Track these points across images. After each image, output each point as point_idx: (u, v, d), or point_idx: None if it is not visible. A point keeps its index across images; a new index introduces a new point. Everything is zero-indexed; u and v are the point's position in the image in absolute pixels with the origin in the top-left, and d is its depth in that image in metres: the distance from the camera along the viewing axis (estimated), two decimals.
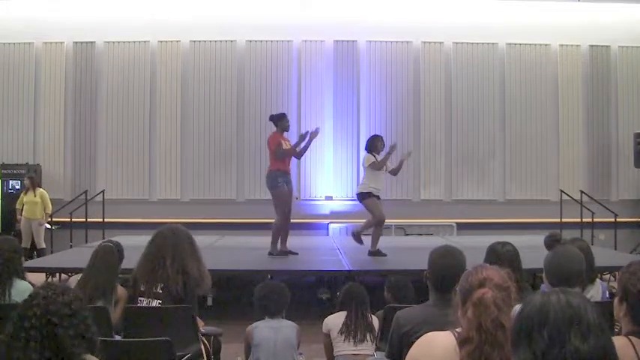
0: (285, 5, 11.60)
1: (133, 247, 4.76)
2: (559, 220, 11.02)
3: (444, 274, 2.83)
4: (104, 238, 7.88)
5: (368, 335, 4.14)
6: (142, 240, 4.30)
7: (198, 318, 3.82)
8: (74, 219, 10.45)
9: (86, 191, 11.08)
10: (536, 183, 11.87)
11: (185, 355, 3.55)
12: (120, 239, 4.84)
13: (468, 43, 11.85)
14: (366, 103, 11.84)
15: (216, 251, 8.33)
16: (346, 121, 11.77)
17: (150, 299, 3.74)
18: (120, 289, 4.24)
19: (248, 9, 11.56)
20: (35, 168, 11.32)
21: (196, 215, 10.97)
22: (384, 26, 11.60)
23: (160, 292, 3.71)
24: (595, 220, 10.61)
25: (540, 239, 6.11)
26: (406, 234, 11.46)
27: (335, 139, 11.73)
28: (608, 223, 10.74)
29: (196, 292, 3.81)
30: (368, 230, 7.80)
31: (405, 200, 11.62)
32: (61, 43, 11.72)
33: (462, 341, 2.01)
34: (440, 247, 3.03)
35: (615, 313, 2.30)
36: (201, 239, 5.11)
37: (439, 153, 11.83)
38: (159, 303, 3.72)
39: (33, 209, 10.29)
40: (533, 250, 5.24)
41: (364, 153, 7.88)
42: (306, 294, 7.59)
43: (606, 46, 11.97)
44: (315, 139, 7.82)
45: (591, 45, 11.94)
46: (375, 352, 4.03)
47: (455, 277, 2.32)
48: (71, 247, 10.03)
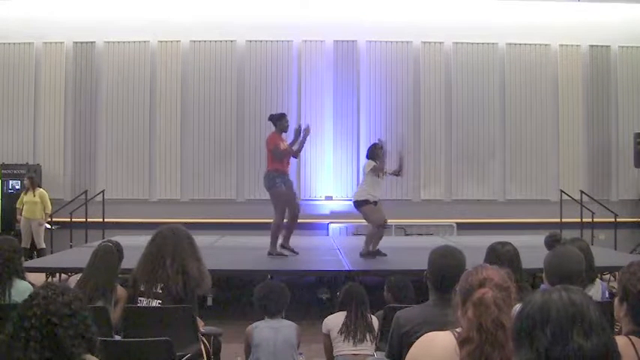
0: (285, 5, 11.60)
1: (133, 247, 4.75)
2: (559, 220, 11.01)
3: (444, 274, 2.83)
4: (104, 238, 7.87)
5: (368, 335, 4.14)
6: (142, 240, 4.30)
7: (198, 318, 3.81)
8: (74, 219, 10.46)
9: (86, 191, 11.08)
10: (536, 183, 11.87)
11: (185, 355, 3.55)
12: (120, 239, 4.84)
13: (468, 43, 11.85)
14: (366, 103, 11.84)
15: (216, 251, 8.32)
16: (346, 121, 11.77)
17: (150, 299, 3.74)
18: (120, 289, 4.24)
19: (248, 9, 11.56)
20: (35, 168, 11.32)
21: (196, 215, 10.97)
22: (384, 26, 11.60)
23: (160, 292, 3.71)
24: (595, 220, 10.61)
25: (540, 239, 6.11)
26: (406, 234, 11.46)
27: (335, 139, 11.73)
28: (608, 223, 10.74)
29: (196, 292, 3.81)
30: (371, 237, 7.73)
31: (405, 200, 11.62)
32: (61, 43, 11.72)
33: (462, 341, 2.01)
34: (440, 247, 3.03)
35: (615, 313, 2.30)
36: (201, 239, 5.11)
37: (439, 153, 11.83)
38: (159, 303, 3.71)
39: (33, 209, 10.29)
40: (533, 250, 5.24)
41: (365, 160, 7.79)
42: (306, 294, 7.60)
43: (606, 46, 11.97)
44: (310, 137, 7.76)
45: (591, 45, 11.94)
46: (375, 352, 4.03)
47: (455, 277, 2.32)
48: (71, 247, 10.03)
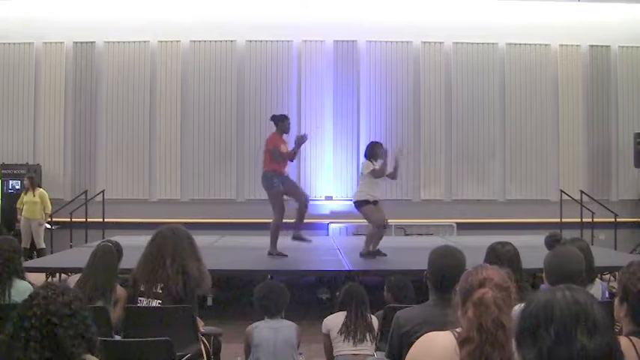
0: (285, 5, 11.60)
1: (133, 247, 4.75)
2: (559, 220, 11.01)
3: (443, 274, 2.83)
4: (104, 238, 7.86)
5: (368, 335, 4.14)
6: (142, 240, 4.30)
7: (198, 318, 3.81)
8: (74, 219, 10.46)
9: (86, 191, 11.08)
10: (536, 183, 11.87)
11: (185, 355, 3.55)
12: (120, 239, 4.84)
13: (468, 43, 11.85)
14: (366, 103, 11.83)
15: (216, 251, 8.31)
16: (346, 121, 11.76)
17: (150, 299, 3.74)
18: (119, 288, 4.23)
19: (248, 9, 11.56)
20: (35, 168, 11.31)
21: (196, 215, 10.96)
22: (384, 26, 11.59)
23: (160, 292, 3.71)
24: (595, 220, 10.61)
25: (540, 239, 6.12)
26: (406, 234, 11.46)
27: (335, 139, 11.73)
28: (608, 223, 10.74)
29: (196, 292, 3.81)
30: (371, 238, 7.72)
31: (405, 200, 11.62)
32: (61, 43, 11.72)
33: (462, 341, 2.00)
34: (440, 247, 3.04)
35: (616, 313, 2.30)
36: (201, 239, 5.10)
37: (439, 153, 11.83)
38: (159, 303, 3.71)
39: (32, 209, 10.29)
40: (533, 250, 5.24)
41: (363, 160, 7.70)
42: (306, 294, 7.60)
43: (606, 46, 11.97)
44: (309, 138, 7.79)
45: (591, 45, 11.94)
46: (375, 352, 4.03)
47: (455, 277, 2.32)
48: (71, 247, 10.03)
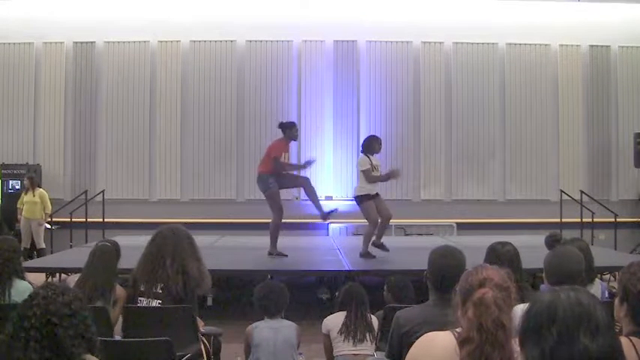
0: (285, 5, 11.60)
1: (133, 247, 4.75)
2: (559, 220, 11.01)
3: (443, 274, 2.83)
4: (104, 238, 7.86)
5: (368, 335, 4.14)
6: (142, 240, 4.30)
7: (198, 318, 3.81)
8: (74, 219, 10.46)
9: (86, 191, 11.08)
10: (536, 183, 11.86)
11: (185, 355, 3.55)
12: (120, 239, 4.84)
13: (468, 43, 11.85)
14: (366, 103, 11.83)
15: (216, 251, 8.31)
16: (346, 121, 11.76)
17: (150, 299, 3.74)
18: (118, 288, 4.23)
19: (248, 9, 11.56)
20: (35, 168, 11.31)
21: (196, 215, 10.96)
22: (384, 26, 11.59)
23: (160, 292, 3.71)
24: (595, 220, 10.60)
25: (540, 239, 6.12)
26: (406, 234, 11.45)
27: (335, 139, 11.73)
28: (608, 223, 10.74)
29: (196, 292, 3.81)
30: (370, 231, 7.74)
31: (405, 200, 11.61)
32: (61, 43, 11.71)
33: (462, 341, 2.00)
34: (440, 247, 3.04)
35: (616, 313, 2.29)
36: (201, 239, 5.10)
37: (439, 153, 11.83)
38: (159, 303, 3.71)
39: (32, 209, 10.30)
40: (533, 250, 5.24)
41: (360, 153, 7.73)
42: (306, 294, 7.59)
43: (606, 46, 11.96)
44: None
45: (591, 45, 11.94)
46: (375, 352, 4.03)
47: (455, 277, 2.32)
48: (71, 247, 10.03)
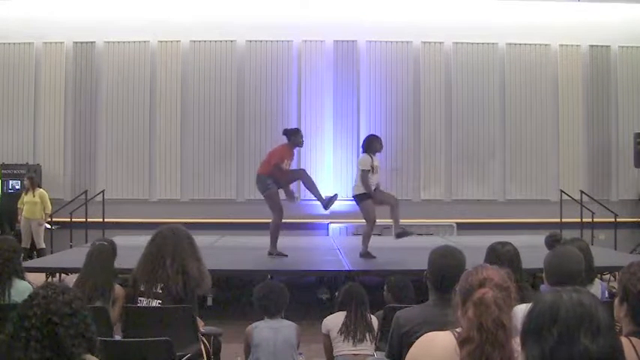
0: (285, 5, 11.60)
1: (133, 247, 4.75)
2: (559, 220, 11.01)
3: (444, 274, 2.83)
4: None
5: (367, 335, 4.14)
6: (142, 240, 4.30)
7: (198, 318, 3.81)
8: (74, 219, 10.45)
9: (86, 191, 11.08)
10: (536, 183, 11.86)
11: (185, 355, 3.55)
12: (120, 239, 4.85)
13: (468, 43, 11.84)
14: (366, 103, 11.83)
15: (216, 251, 8.31)
16: (346, 121, 11.76)
17: (150, 299, 3.74)
18: (117, 288, 4.23)
19: (248, 9, 11.55)
20: (35, 168, 11.31)
21: (196, 215, 10.96)
22: (384, 26, 11.59)
23: (160, 292, 3.71)
24: (595, 220, 10.60)
25: (540, 239, 6.11)
26: None
27: (335, 139, 11.72)
28: (608, 223, 10.73)
29: (196, 292, 3.81)
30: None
31: (405, 200, 11.57)
32: (61, 43, 11.71)
33: (462, 341, 2.01)
34: (440, 247, 3.04)
35: (615, 313, 2.29)
36: (201, 239, 5.10)
37: (439, 153, 11.82)
38: (159, 303, 3.72)
39: (32, 209, 10.29)
40: (533, 250, 5.24)
41: (361, 153, 7.84)
42: (306, 294, 7.59)
43: (606, 46, 11.96)
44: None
45: (591, 45, 11.93)
46: (375, 352, 4.03)
47: (455, 277, 2.32)
48: (71, 247, 10.02)
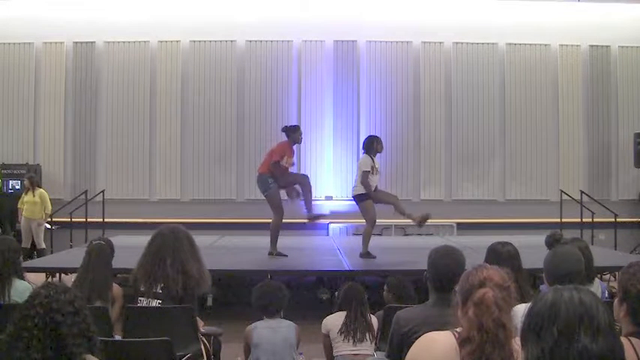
0: (285, 5, 11.60)
1: (132, 247, 4.75)
2: (559, 220, 11.01)
3: (443, 274, 2.83)
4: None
5: (367, 335, 4.14)
6: (142, 240, 4.30)
7: (198, 318, 3.81)
8: (74, 219, 10.45)
9: (86, 191, 11.07)
10: (536, 183, 11.86)
11: (185, 355, 3.55)
12: (120, 239, 4.85)
13: (468, 43, 11.84)
14: (366, 103, 11.83)
15: (216, 251, 8.32)
16: (346, 121, 11.76)
17: (150, 299, 3.74)
18: (116, 287, 4.23)
19: (248, 9, 11.56)
20: (35, 168, 11.31)
21: (196, 215, 10.96)
22: (384, 26, 11.59)
23: (160, 292, 3.71)
24: (595, 220, 10.60)
25: (540, 239, 6.11)
26: (406, 234, 11.44)
27: (335, 139, 11.72)
28: (608, 223, 10.73)
29: (196, 292, 3.81)
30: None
31: (405, 200, 11.51)
32: (61, 43, 11.71)
33: (462, 341, 2.01)
34: (440, 247, 3.04)
35: (615, 313, 2.29)
36: (201, 239, 5.11)
37: (439, 153, 11.82)
38: (159, 303, 3.72)
39: (32, 209, 10.29)
40: (533, 250, 5.24)
41: (362, 153, 7.87)
42: (306, 294, 7.60)
43: (606, 46, 11.96)
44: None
45: (591, 45, 11.93)
46: (375, 352, 4.04)
47: (455, 277, 2.32)
48: (71, 247, 10.02)
